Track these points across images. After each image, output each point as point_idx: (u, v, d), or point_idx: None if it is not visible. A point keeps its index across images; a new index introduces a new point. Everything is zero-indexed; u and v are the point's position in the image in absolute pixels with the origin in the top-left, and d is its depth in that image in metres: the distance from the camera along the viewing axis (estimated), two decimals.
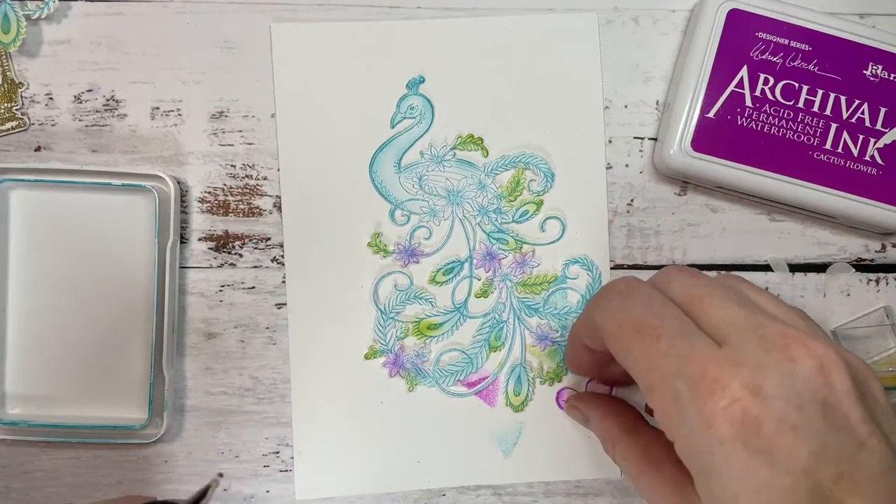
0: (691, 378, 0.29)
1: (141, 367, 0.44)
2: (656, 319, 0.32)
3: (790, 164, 0.43)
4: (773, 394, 0.28)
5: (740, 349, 0.29)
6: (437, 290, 0.45)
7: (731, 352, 0.29)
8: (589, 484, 0.46)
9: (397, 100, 0.45)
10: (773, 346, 0.29)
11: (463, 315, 0.45)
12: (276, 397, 0.45)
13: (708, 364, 0.29)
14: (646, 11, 0.46)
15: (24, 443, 0.45)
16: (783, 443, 0.27)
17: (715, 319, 0.31)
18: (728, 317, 0.31)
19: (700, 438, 0.28)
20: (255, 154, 0.45)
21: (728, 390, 0.28)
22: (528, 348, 0.45)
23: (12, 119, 0.45)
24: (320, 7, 0.45)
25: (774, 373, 0.28)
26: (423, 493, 0.45)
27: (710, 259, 0.46)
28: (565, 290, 0.46)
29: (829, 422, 0.28)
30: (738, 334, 0.30)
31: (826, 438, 0.28)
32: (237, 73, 0.45)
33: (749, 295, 0.33)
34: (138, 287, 0.44)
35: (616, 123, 0.46)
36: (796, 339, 0.29)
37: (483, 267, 0.45)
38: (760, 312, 0.31)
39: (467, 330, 0.45)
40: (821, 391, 0.28)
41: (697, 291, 0.33)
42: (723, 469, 0.28)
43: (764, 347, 0.29)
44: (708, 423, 0.28)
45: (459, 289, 0.45)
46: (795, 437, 0.27)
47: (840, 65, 0.44)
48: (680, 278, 0.34)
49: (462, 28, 0.45)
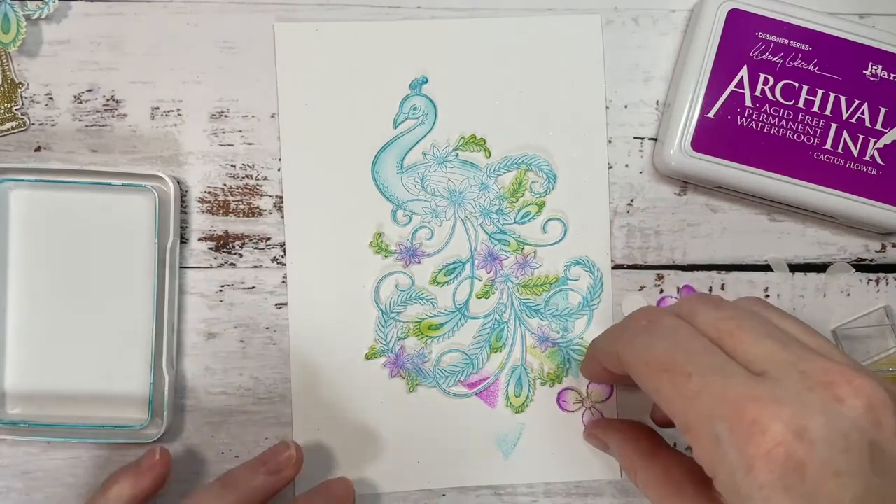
0: (729, 419, 0.28)
1: (141, 367, 0.44)
2: (684, 355, 0.31)
3: (790, 164, 0.43)
4: (818, 436, 0.27)
5: (780, 386, 0.28)
6: (439, 290, 0.45)
7: (770, 388, 0.28)
8: (589, 484, 0.46)
9: (400, 100, 0.45)
10: (816, 384, 0.28)
11: (464, 316, 0.45)
12: (276, 397, 0.45)
13: (747, 403, 0.28)
14: (646, 11, 0.46)
15: (24, 443, 0.45)
16: (826, 489, 0.26)
17: (750, 354, 0.30)
18: (764, 352, 0.30)
19: (741, 481, 0.27)
20: (255, 154, 0.45)
21: (769, 433, 0.27)
22: (528, 349, 0.45)
23: (12, 119, 0.45)
24: (320, 7, 0.45)
25: (819, 413, 0.27)
26: (423, 493, 0.45)
27: (710, 259, 0.46)
28: (566, 291, 0.46)
29: (875, 465, 0.27)
30: (777, 369, 0.29)
31: (871, 482, 0.26)
32: (237, 73, 0.45)
33: (778, 323, 0.32)
34: (138, 287, 0.44)
35: (616, 123, 0.46)
36: (841, 376, 0.28)
37: (484, 268, 0.45)
38: (797, 344, 0.30)
39: (468, 331, 0.45)
40: (868, 432, 0.27)
41: (727, 325, 0.31)
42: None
43: (806, 384, 0.28)
44: (749, 467, 0.27)
45: (461, 289, 0.45)
46: (839, 484, 0.26)
47: (840, 65, 0.44)
48: (705, 310, 0.33)
49: (465, 29, 0.45)
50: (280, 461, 0.42)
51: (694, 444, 0.30)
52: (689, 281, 0.46)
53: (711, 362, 0.30)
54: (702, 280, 0.46)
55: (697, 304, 0.33)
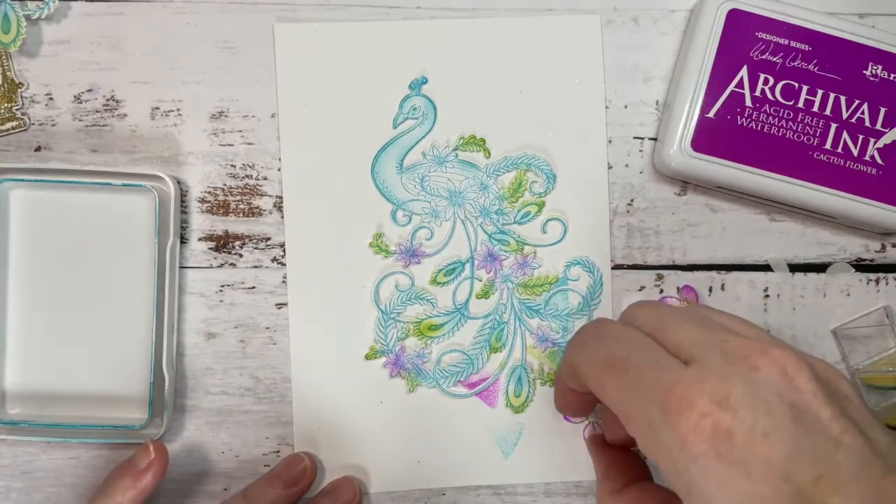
0: (661, 402, 0.29)
1: (141, 367, 0.44)
2: (624, 353, 0.32)
3: (790, 164, 0.43)
4: (739, 403, 0.28)
5: (705, 367, 0.30)
6: (439, 290, 0.45)
7: (696, 370, 0.30)
8: (589, 484, 0.46)
9: (400, 100, 0.45)
10: (736, 359, 0.30)
11: (464, 316, 0.45)
12: (276, 397, 0.45)
13: (675, 386, 0.29)
14: (646, 11, 0.46)
15: (24, 443, 0.45)
16: (757, 451, 0.27)
17: (679, 343, 0.32)
18: (690, 338, 0.31)
19: (678, 458, 0.29)
20: (255, 154, 0.45)
21: (696, 407, 0.28)
22: (528, 350, 0.45)
23: (12, 119, 0.45)
24: (320, 7, 0.45)
25: (739, 383, 0.29)
26: (423, 493, 0.45)
27: (710, 259, 0.46)
28: (566, 291, 0.46)
29: (800, 424, 0.28)
30: (702, 352, 0.30)
31: (800, 440, 0.27)
32: (237, 73, 0.45)
33: (712, 317, 0.34)
34: (138, 287, 0.44)
35: (616, 123, 0.46)
36: (757, 349, 0.30)
37: (484, 268, 0.45)
38: (723, 330, 0.32)
39: (468, 331, 0.45)
40: (787, 395, 0.29)
41: (660, 321, 0.33)
42: (702, 485, 0.28)
43: (727, 360, 0.30)
44: (682, 442, 0.28)
45: (460, 290, 0.45)
46: (768, 444, 0.27)
47: (840, 65, 0.44)
48: (643, 311, 0.35)
49: (465, 29, 0.45)
50: (295, 474, 0.43)
51: (636, 434, 0.31)
52: (689, 281, 0.46)
53: (647, 357, 0.32)
54: (702, 280, 0.46)
55: (637, 307, 0.35)
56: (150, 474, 0.41)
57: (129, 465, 0.41)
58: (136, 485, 0.40)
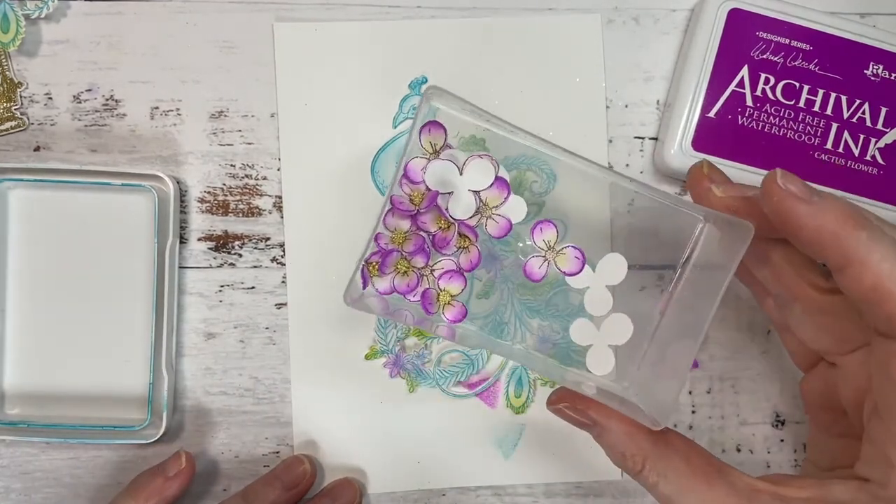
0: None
1: (140, 368, 0.44)
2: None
3: (791, 163, 0.43)
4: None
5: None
6: None
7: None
8: (589, 485, 0.46)
9: (400, 100, 0.45)
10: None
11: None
12: (276, 397, 0.45)
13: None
14: (646, 11, 0.46)
15: (23, 443, 0.45)
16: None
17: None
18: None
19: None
20: (255, 154, 0.45)
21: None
22: (529, 350, 0.45)
23: (11, 119, 0.45)
24: (320, 6, 0.45)
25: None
26: (423, 493, 0.45)
27: None
28: (567, 291, 0.45)
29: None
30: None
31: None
32: (237, 73, 0.45)
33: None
34: (138, 287, 0.44)
35: (616, 123, 0.46)
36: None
37: (484, 268, 0.45)
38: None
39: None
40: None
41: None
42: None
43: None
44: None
45: None
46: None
47: (841, 64, 0.44)
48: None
49: (465, 29, 0.45)
50: (295, 476, 0.43)
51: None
52: None
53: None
54: None
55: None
56: (177, 483, 0.42)
57: (158, 470, 0.42)
58: (163, 491, 0.41)
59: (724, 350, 0.46)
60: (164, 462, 0.43)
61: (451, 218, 0.37)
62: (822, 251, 0.31)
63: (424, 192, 0.36)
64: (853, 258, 0.30)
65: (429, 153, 0.37)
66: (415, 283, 0.37)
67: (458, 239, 0.37)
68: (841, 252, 0.30)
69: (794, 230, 0.31)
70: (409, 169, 0.36)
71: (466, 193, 0.36)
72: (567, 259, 0.38)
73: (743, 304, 0.46)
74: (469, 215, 0.37)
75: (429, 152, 0.37)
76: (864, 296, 0.30)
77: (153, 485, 0.41)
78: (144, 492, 0.41)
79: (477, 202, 0.37)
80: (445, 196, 0.37)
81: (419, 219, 0.37)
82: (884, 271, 0.29)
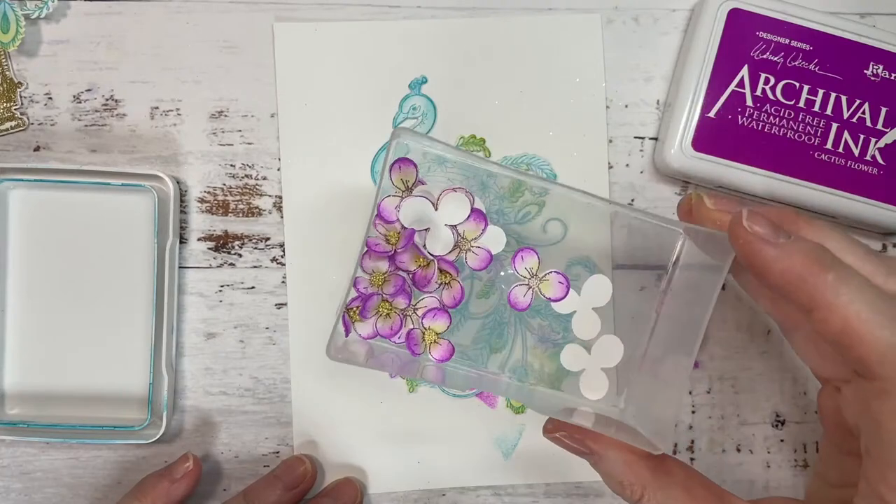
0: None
1: (141, 368, 0.44)
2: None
3: (791, 163, 0.43)
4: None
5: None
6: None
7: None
8: (589, 485, 0.46)
9: (399, 100, 0.45)
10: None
11: (464, 316, 0.45)
12: (275, 397, 0.45)
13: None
14: (646, 11, 0.46)
15: (23, 443, 0.45)
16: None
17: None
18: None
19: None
20: (255, 154, 0.45)
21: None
22: (529, 350, 0.45)
23: (11, 119, 0.45)
24: (320, 6, 0.45)
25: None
26: (423, 494, 0.45)
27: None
28: None
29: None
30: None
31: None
32: (237, 73, 0.45)
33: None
34: (138, 287, 0.44)
35: (616, 123, 0.46)
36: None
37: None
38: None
39: (468, 331, 0.45)
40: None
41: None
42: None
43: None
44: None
45: None
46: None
47: (841, 64, 0.44)
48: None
49: (465, 29, 0.45)
50: (296, 476, 0.43)
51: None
52: None
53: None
54: None
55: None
56: (183, 485, 0.42)
57: (166, 472, 0.42)
58: (170, 493, 0.42)
59: (724, 350, 0.46)
60: (170, 465, 0.43)
61: (429, 255, 0.36)
62: (790, 294, 0.30)
63: (400, 230, 0.36)
64: (820, 302, 0.29)
65: (401, 191, 0.36)
66: (398, 325, 0.37)
67: (438, 275, 0.36)
68: (808, 295, 0.30)
69: (761, 273, 0.31)
70: (383, 208, 0.36)
71: (443, 228, 0.36)
72: (551, 285, 0.38)
73: (743, 304, 0.46)
74: (448, 251, 0.36)
75: (401, 190, 0.36)
76: (834, 338, 0.30)
77: (160, 487, 0.42)
78: (151, 494, 0.41)
79: (455, 236, 0.36)
80: (422, 233, 0.36)
81: (397, 258, 0.36)
82: (851, 314, 0.29)
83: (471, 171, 0.45)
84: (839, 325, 0.29)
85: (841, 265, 0.30)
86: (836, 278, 0.29)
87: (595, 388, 0.37)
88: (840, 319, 0.29)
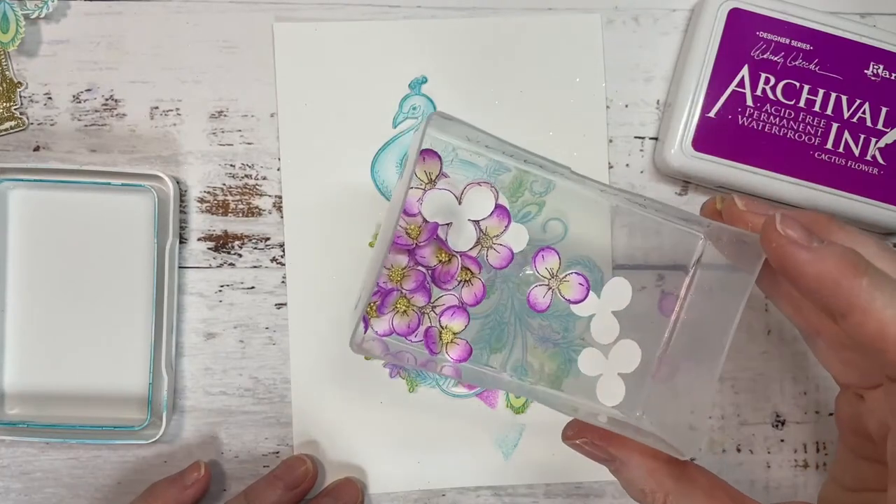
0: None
1: (140, 368, 0.44)
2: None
3: (791, 163, 0.43)
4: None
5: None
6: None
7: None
8: (589, 485, 0.46)
9: (399, 100, 0.45)
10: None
11: None
12: (275, 397, 0.45)
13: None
14: (646, 11, 0.46)
15: (23, 443, 0.45)
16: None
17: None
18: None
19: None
20: (255, 154, 0.45)
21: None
22: (529, 350, 0.45)
23: (11, 119, 0.45)
24: (320, 6, 0.45)
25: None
26: (423, 494, 0.45)
27: None
28: None
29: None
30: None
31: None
32: (237, 73, 0.45)
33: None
34: (137, 287, 0.44)
35: (616, 123, 0.46)
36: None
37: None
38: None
39: (468, 331, 0.45)
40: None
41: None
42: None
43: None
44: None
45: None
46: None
47: (841, 64, 0.44)
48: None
49: (465, 29, 0.45)
50: (297, 476, 0.43)
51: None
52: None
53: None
54: None
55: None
56: (193, 492, 0.42)
57: (177, 478, 0.43)
58: (179, 500, 0.42)
59: None
60: (181, 471, 0.43)
61: (452, 250, 0.35)
62: (823, 298, 0.30)
63: (421, 224, 0.35)
64: (855, 306, 0.29)
65: (424, 183, 0.35)
66: (416, 322, 0.35)
67: (460, 272, 0.35)
68: (843, 300, 0.29)
69: (794, 277, 0.31)
70: (407, 200, 0.34)
71: (467, 223, 0.35)
72: (571, 286, 0.37)
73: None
74: (470, 246, 0.35)
75: (424, 182, 0.35)
76: (869, 343, 0.29)
77: (170, 493, 0.42)
78: (161, 498, 0.42)
79: (477, 232, 0.35)
80: (443, 228, 0.35)
81: (418, 253, 0.35)
82: (887, 318, 0.28)
83: (471, 171, 0.45)
84: (875, 330, 0.29)
85: (875, 270, 0.30)
86: (871, 283, 0.29)
87: (612, 394, 0.37)
88: (876, 323, 0.29)
